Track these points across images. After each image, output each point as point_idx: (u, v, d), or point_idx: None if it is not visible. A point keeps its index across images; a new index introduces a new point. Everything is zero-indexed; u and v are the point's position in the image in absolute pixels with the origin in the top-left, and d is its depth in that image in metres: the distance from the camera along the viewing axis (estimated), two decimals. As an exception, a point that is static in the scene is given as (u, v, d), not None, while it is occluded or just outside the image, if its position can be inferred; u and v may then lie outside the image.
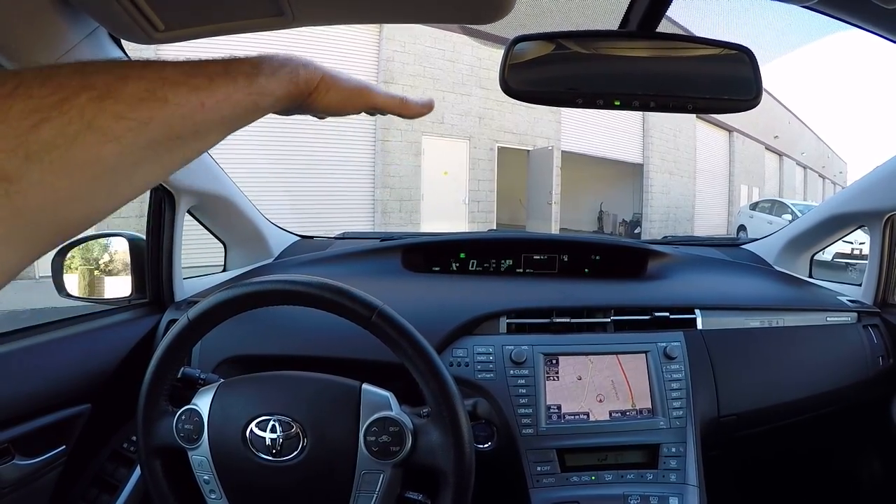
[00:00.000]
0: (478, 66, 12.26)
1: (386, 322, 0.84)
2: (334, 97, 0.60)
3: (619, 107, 0.83)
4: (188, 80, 0.45)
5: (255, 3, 0.78)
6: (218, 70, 0.48)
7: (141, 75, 0.42)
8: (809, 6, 0.86)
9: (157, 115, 0.41)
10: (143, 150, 0.42)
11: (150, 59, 0.44)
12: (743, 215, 16.79)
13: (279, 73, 0.53)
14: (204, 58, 0.49)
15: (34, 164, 0.35)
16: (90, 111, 0.37)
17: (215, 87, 0.47)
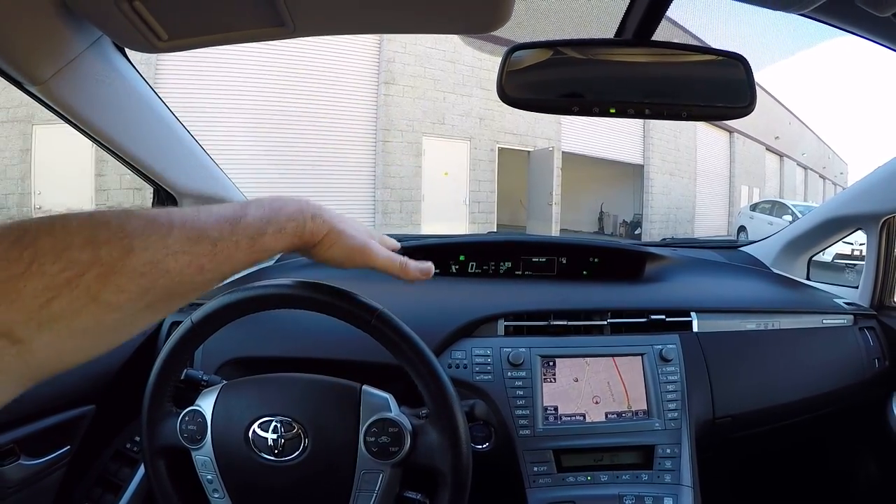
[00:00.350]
0: (478, 66, 12.26)
1: (385, 325, 0.85)
2: (336, 253, 0.65)
3: (614, 114, 0.84)
4: (191, 248, 0.48)
5: (257, 14, 0.79)
6: (224, 234, 0.51)
7: (146, 246, 0.44)
8: (804, 14, 0.87)
9: (157, 285, 0.45)
10: (142, 311, 0.46)
11: (158, 217, 0.47)
12: (743, 216, 16.76)
13: (285, 230, 0.57)
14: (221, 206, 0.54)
15: (45, 331, 0.39)
16: (95, 287, 0.41)
17: (217, 252, 0.50)
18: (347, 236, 0.65)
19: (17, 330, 0.37)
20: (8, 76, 0.81)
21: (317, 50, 10.50)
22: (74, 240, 0.41)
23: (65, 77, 0.86)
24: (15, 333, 0.37)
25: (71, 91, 0.90)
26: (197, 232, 0.49)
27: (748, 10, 10.82)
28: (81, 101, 0.94)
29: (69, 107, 0.92)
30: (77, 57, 0.87)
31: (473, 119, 12.43)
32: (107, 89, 0.98)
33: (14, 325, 0.37)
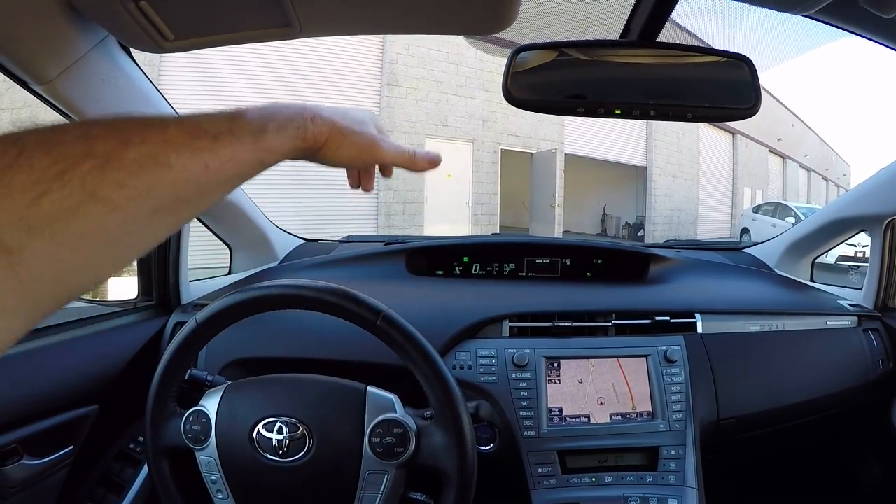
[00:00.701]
0: (481, 68, 12.26)
1: (391, 326, 0.85)
2: (344, 152, 0.60)
3: (619, 115, 0.84)
4: (191, 143, 0.44)
5: (263, 14, 0.79)
6: (222, 129, 0.47)
7: (143, 139, 0.41)
8: (808, 15, 0.87)
9: (160, 181, 0.41)
10: (146, 216, 0.41)
11: (153, 117, 0.43)
12: (746, 218, 16.73)
13: (286, 129, 0.53)
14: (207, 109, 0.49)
15: (36, 236, 0.34)
16: (92, 181, 0.37)
17: (219, 148, 0.46)
18: (353, 133, 0.60)
19: (4, 236, 0.33)
20: (14, 76, 0.82)
21: (320, 51, 10.51)
22: (65, 135, 0.38)
23: (70, 77, 0.87)
24: (3, 241, 0.33)
25: (76, 91, 0.90)
26: (194, 127, 0.45)
27: (751, 13, 10.82)
28: (87, 101, 0.94)
29: (74, 106, 0.92)
30: (82, 57, 0.87)
31: (476, 121, 12.43)
32: (112, 89, 0.99)
33: (2, 229, 0.33)
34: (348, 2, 0.78)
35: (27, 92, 0.87)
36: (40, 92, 0.86)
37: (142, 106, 1.11)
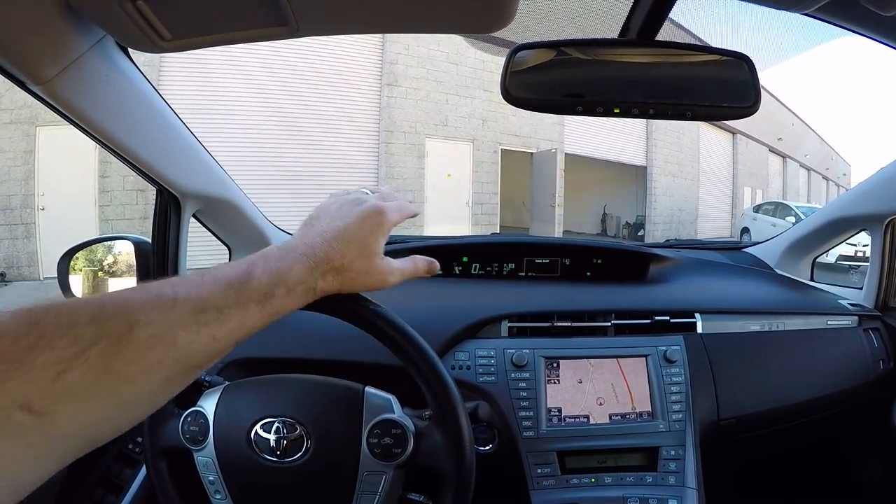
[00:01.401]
0: (481, 68, 12.28)
1: (388, 325, 0.85)
2: (357, 290, 0.67)
3: (618, 114, 0.84)
4: (197, 318, 0.48)
5: (261, 14, 0.79)
6: (229, 302, 0.50)
7: (149, 320, 0.45)
8: (807, 13, 0.87)
9: (167, 357, 0.46)
10: (158, 383, 0.47)
11: (162, 293, 0.48)
12: (746, 217, 16.76)
13: (295, 291, 0.56)
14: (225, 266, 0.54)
15: (62, 403, 0.39)
16: (105, 359, 0.42)
17: (225, 319, 0.50)
18: (362, 274, 0.64)
19: (35, 402, 0.38)
20: (11, 76, 0.81)
21: (320, 52, 10.52)
22: (80, 317, 0.42)
23: (68, 77, 0.86)
24: (33, 405, 0.38)
25: (74, 91, 0.89)
26: (201, 303, 0.49)
27: (750, 12, 10.85)
28: (85, 101, 0.93)
29: (72, 107, 0.91)
30: (80, 56, 0.86)
31: (476, 121, 12.45)
32: (110, 89, 0.98)
33: (31, 398, 0.38)
34: (345, 1, 0.78)
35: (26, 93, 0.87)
36: (38, 92, 0.85)
37: (140, 106, 1.11)
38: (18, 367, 0.38)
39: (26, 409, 0.38)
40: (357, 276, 0.64)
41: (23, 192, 8.59)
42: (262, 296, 0.53)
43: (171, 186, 1.28)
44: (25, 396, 0.38)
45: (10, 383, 0.37)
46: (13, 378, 0.37)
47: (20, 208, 8.59)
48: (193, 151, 1.32)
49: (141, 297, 0.47)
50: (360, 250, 0.64)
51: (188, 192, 1.34)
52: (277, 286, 0.54)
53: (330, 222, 0.65)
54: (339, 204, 0.69)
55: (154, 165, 1.19)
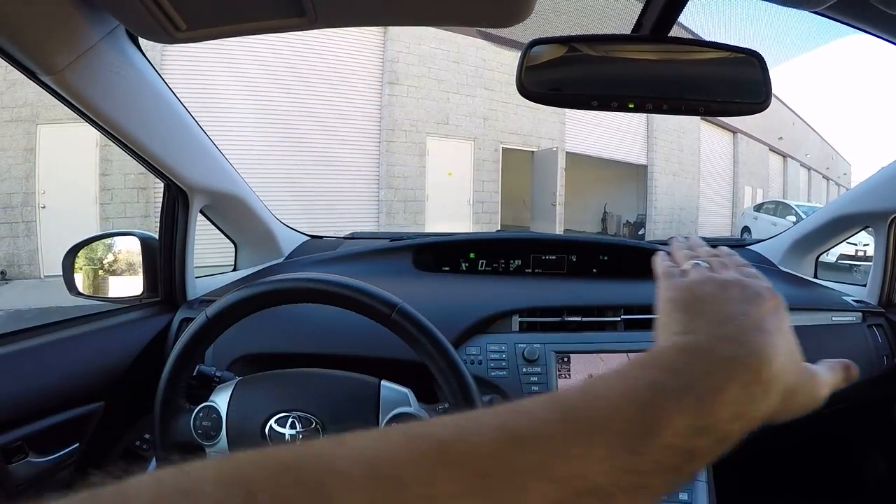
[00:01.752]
0: (482, 66, 12.28)
1: (406, 319, 0.85)
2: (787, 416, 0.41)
3: (633, 109, 0.84)
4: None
5: (278, 4, 0.79)
6: (620, 477, 0.27)
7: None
8: (818, 11, 0.87)
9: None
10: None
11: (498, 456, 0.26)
12: (747, 217, 16.76)
13: (727, 437, 0.34)
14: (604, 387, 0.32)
15: None
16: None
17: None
18: (804, 398, 0.42)
19: None
20: (21, 66, 0.81)
21: (321, 49, 10.51)
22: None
23: (80, 67, 0.86)
24: None
25: (85, 82, 0.89)
26: (570, 487, 0.26)
27: (758, 11, 10.85)
28: (95, 93, 0.93)
29: (82, 98, 0.91)
30: (92, 47, 0.86)
31: (477, 119, 12.45)
32: (121, 81, 0.98)
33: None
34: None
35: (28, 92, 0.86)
36: (48, 83, 0.85)
37: (150, 99, 1.11)
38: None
39: None
40: (798, 394, 0.41)
41: (24, 190, 8.59)
42: (679, 459, 0.29)
43: (179, 181, 1.28)
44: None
45: None
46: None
47: (21, 206, 8.59)
48: (202, 146, 1.32)
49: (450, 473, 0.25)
50: (789, 352, 0.40)
51: (196, 187, 1.34)
52: (704, 433, 0.31)
53: (738, 306, 0.41)
54: (720, 284, 0.45)
55: (163, 159, 1.19)
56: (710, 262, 0.50)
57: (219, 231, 1.65)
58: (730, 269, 0.48)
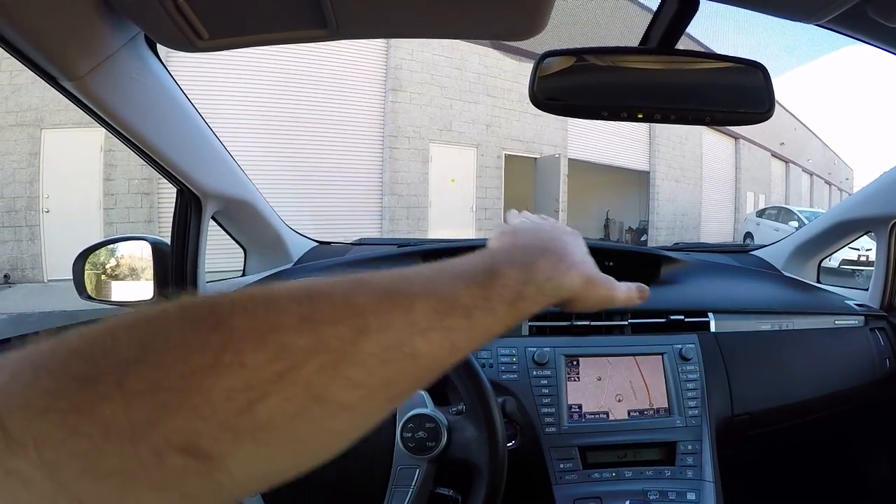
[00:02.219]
0: (485, 73, 12.30)
1: None
2: (587, 304, 0.54)
3: (642, 119, 0.87)
4: (443, 323, 0.36)
5: (300, 15, 0.80)
6: (477, 301, 0.38)
7: (385, 325, 0.33)
8: (820, 24, 0.90)
9: (402, 375, 0.34)
10: (377, 411, 0.35)
11: (392, 284, 0.36)
12: (749, 222, 16.73)
13: (544, 290, 0.45)
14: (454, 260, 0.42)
15: (243, 443, 0.28)
16: (320, 382, 0.30)
17: (473, 325, 0.38)
18: (597, 282, 0.53)
19: (205, 444, 0.26)
20: (43, 72, 0.81)
21: (325, 56, 10.53)
22: (284, 318, 0.30)
23: (101, 74, 0.87)
24: (202, 448, 0.26)
25: (106, 88, 0.90)
26: (446, 303, 0.37)
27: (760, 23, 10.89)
28: (114, 99, 0.94)
29: (102, 104, 0.92)
30: (113, 54, 0.87)
31: (480, 126, 12.45)
32: (139, 87, 0.99)
33: (200, 438, 0.26)
34: (387, 5, 0.80)
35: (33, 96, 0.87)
36: (69, 88, 0.86)
37: (166, 105, 1.12)
38: (187, 397, 0.26)
39: (189, 453, 0.26)
40: (595, 281, 0.53)
41: (27, 194, 8.60)
42: (513, 296, 0.41)
43: (193, 186, 1.29)
44: (192, 436, 0.26)
45: (172, 420, 0.26)
46: (177, 413, 0.26)
47: (25, 210, 8.59)
48: (216, 152, 1.34)
49: (365, 291, 0.34)
50: (590, 261, 0.55)
51: (210, 193, 1.36)
52: (527, 284, 0.43)
53: (548, 231, 0.56)
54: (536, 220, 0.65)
55: (178, 165, 1.20)
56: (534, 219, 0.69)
57: (228, 236, 1.66)
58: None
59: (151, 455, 0.25)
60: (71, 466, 0.24)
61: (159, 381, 0.26)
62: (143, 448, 0.25)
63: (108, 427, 0.25)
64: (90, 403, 0.25)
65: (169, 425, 0.25)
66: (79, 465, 0.24)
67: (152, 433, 0.25)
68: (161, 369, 0.26)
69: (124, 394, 0.25)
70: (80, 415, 0.25)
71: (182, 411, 0.26)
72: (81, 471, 0.24)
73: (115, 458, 0.25)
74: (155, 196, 8.88)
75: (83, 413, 0.25)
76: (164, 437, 0.25)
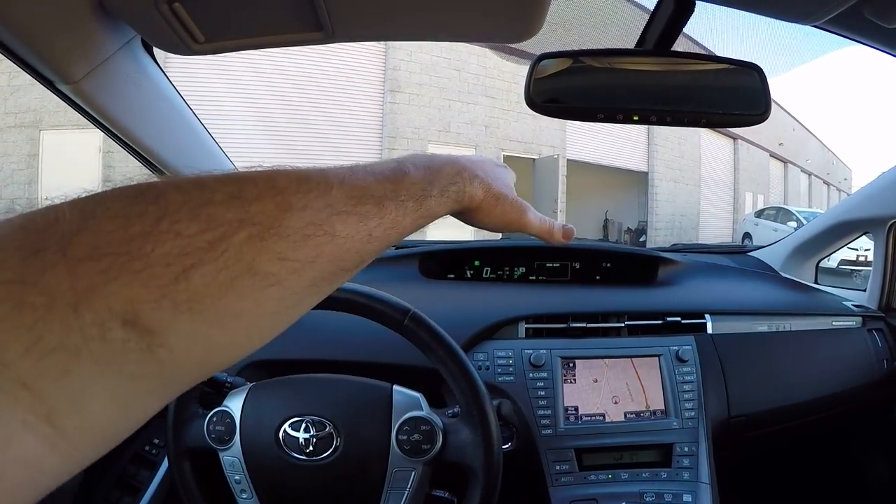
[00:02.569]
0: (483, 74, 12.30)
1: (418, 325, 0.87)
2: (494, 218, 0.57)
3: (637, 121, 0.86)
4: (357, 208, 0.40)
5: (296, 18, 0.80)
6: (387, 192, 0.43)
7: (305, 204, 0.36)
8: (816, 25, 0.90)
9: (322, 252, 0.37)
10: (305, 288, 0.37)
11: (310, 174, 0.39)
12: (748, 223, 16.73)
13: (447, 192, 0.50)
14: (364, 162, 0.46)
15: (182, 314, 0.29)
16: (249, 252, 0.32)
17: (385, 214, 0.42)
18: (505, 199, 0.57)
19: (145, 314, 0.27)
20: (40, 75, 0.82)
21: (323, 57, 10.53)
22: (214, 194, 0.32)
23: (97, 77, 0.87)
24: (143, 319, 0.27)
25: (102, 91, 0.90)
26: (359, 190, 0.40)
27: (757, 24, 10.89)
28: (111, 102, 0.94)
29: (99, 107, 0.92)
30: (110, 57, 0.87)
31: (479, 127, 12.46)
32: (136, 90, 0.99)
33: (141, 307, 0.27)
34: (381, 8, 0.80)
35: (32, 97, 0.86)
36: (66, 92, 0.86)
37: (163, 108, 1.12)
38: (127, 261, 0.27)
39: (130, 324, 0.27)
40: (500, 194, 0.56)
41: (26, 195, 8.60)
42: (419, 193, 0.46)
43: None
44: (132, 304, 0.27)
45: (114, 285, 0.27)
46: (118, 278, 0.27)
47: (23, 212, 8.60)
48: (214, 155, 1.34)
49: (286, 176, 0.37)
50: (503, 179, 0.59)
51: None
52: (432, 185, 0.48)
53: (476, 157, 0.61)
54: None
55: (175, 167, 1.20)
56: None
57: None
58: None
59: (94, 326, 0.26)
60: (14, 343, 0.24)
61: (100, 246, 0.27)
62: (86, 317, 0.26)
63: (52, 295, 0.25)
64: (36, 272, 0.25)
65: (111, 291, 0.26)
66: (22, 341, 0.24)
67: (95, 300, 0.26)
68: (102, 235, 0.27)
69: (68, 261, 0.26)
70: (25, 285, 0.25)
71: (123, 276, 0.27)
72: (25, 348, 0.24)
73: (59, 331, 0.25)
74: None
75: (28, 283, 0.25)
76: (107, 304, 0.26)
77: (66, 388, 0.26)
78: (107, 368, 0.27)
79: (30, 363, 0.25)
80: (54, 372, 0.25)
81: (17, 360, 0.24)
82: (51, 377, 0.25)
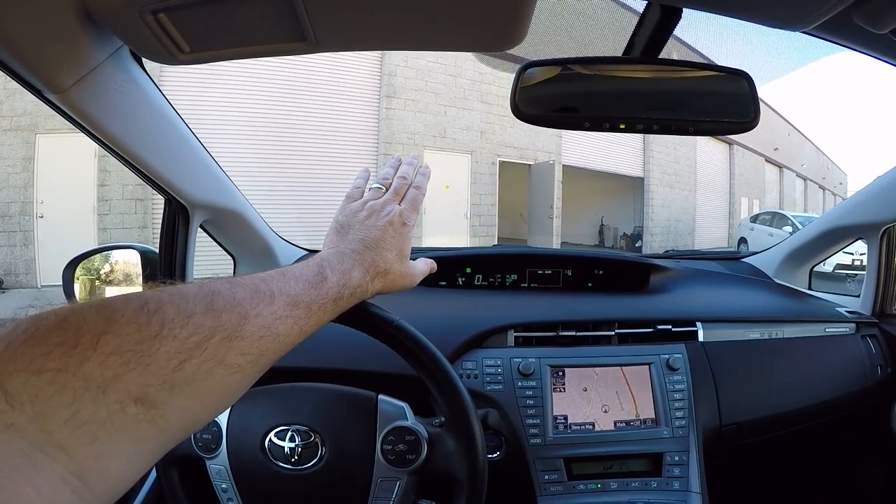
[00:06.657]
0: (479, 80, 12.33)
1: (402, 335, 0.86)
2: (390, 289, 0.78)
3: (624, 130, 0.86)
4: (293, 312, 0.55)
5: (280, 29, 0.80)
6: (313, 298, 0.59)
7: (258, 313, 0.51)
8: (806, 31, 0.89)
9: (270, 347, 0.51)
10: (257, 373, 0.51)
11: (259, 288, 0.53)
12: (744, 228, 16.79)
13: (355, 293, 0.67)
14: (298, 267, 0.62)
15: (177, 394, 0.41)
16: (222, 350, 0.45)
17: (311, 315, 0.58)
18: (400, 276, 0.77)
19: (152, 394, 0.39)
20: (28, 84, 0.81)
21: (319, 63, 10.55)
22: (195, 308, 0.45)
23: (85, 86, 0.86)
24: (150, 397, 0.39)
25: (90, 100, 0.90)
26: (293, 298, 0.56)
27: (750, 29, 10.92)
28: (100, 111, 0.93)
29: (87, 116, 0.92)
30: (97, 66, 0.87)
31: (474, 132, 12.47)
32: (124, 99, 0.98)
33: (149, 389, 0.39)
34: (364, 18, 0.79)
35: (27, 101, 0.86)
36: (54, 101, 0.85)
37: (152, 117, 1.11)
38: (142, 358, 0.38)
39: (141, 402, 0.38)
40: (395, 279, 0.75)
41: (21, 199, 8.59)
42: (335, 295, 0.62)
43: (180, 196, 1.29)
44: (143, 387, 0.38)
45: (132, 374, 0.38)
46: (135, 368, 0.38)
47: (19, 215, 8.59)
48: (203, 162, 1.33)
49: (243, 290, 0.51)
50: (397, 256, 0.76)
51: (197, 203, 1.35)
52: (345, 287, 0.64)
53: (366, 231, 0.75)
54: (366, 213, 0.79)
55: (165, 175, 1.20)
56: (388, 185, 0.84)
57: (217, 245, 1.65)
58: (401, 192, 0.83)
59: (116, 403, 0.36)
60: (57, 416, 0.34)
61: (122, 345, 0.38)
62: (111, 397, 0.36)
63: (87, 380, 0.35)
64: (75, 363, 0.35)
65: (130, 378, 0.37)
66: (63, 415, 0.34)
67: (118, 385, 0.37)
68: (123, 337, 0.38)
69: (98, 355, 0.36)
70: (68, 372, 0.34)
71: (138, 367, 0.38)
72: (65, 420, 0.34)
73: (91, 408, 0.35)
74: (149, 202, 8.87)
75: (69, 371, 0.35)
76: (126, 387, 0.37)
77: (94, 451, 0.36)
78: (123, 435, 0.37)
79: (68, 432, 0.34)
80: (86, 439, 0.35)
81: (58, 429, 0.34)
82: (83, 443, 0.35)
